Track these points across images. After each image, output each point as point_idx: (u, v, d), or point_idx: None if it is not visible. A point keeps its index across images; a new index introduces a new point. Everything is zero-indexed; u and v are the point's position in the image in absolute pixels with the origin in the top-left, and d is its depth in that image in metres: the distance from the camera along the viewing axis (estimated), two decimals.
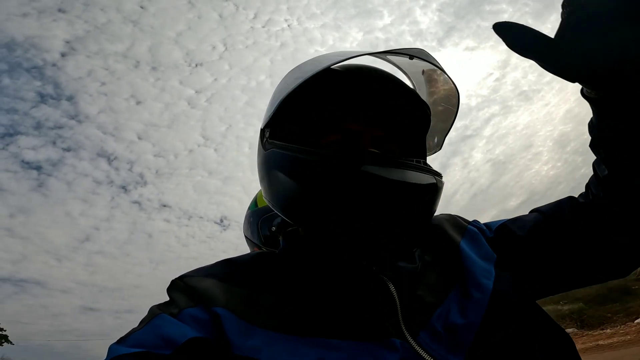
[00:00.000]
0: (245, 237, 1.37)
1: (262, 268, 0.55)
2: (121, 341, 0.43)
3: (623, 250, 0.53)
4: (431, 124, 0.63)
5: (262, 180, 0.59)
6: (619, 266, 0.54)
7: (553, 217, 0.57)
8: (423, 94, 0.66)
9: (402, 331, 0.45)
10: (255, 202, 1.37)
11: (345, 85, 0.59)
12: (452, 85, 0.63)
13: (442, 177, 0.55)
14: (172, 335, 0.42)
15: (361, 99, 0.59)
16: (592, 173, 0.54)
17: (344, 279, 0.52)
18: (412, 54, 0.57)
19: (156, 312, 0.47)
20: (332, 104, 0.59)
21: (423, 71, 0.66)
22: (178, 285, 0.51)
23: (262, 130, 0.59)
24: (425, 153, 0.66)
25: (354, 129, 0.57)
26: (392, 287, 0.50)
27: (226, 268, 0.55)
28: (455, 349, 0.44)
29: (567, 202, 0.58)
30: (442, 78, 0.64)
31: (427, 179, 0.50)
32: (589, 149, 0.53)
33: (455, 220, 0.64)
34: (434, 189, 0.51)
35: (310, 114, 0.60)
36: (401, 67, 0.67)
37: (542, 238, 0.56)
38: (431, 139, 0.68)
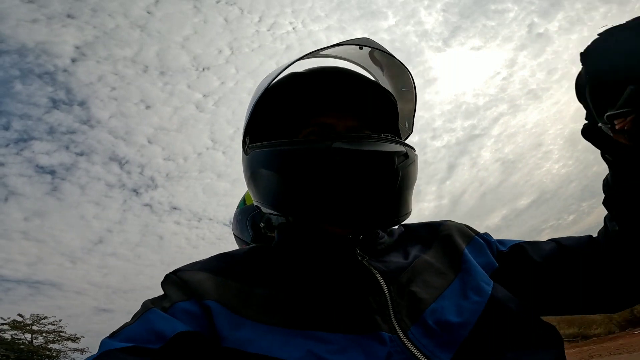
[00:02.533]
0: (235, 235, 1.38)
1: (256, 261, 0.56)
2: (113, 335, 0.44)
3: (621, 292, 0.57)
4: (398, 108, 0.67)
5: (248, 184, 0.62)
6: (614, 304, 0.59)
7: (569, 252, 0.59)
8: (383, 83, 0.70)
9: (393, 324, 0.45)
10: (243, 201, 1.39)
11: (312, 83, 0.63)
12: (404, 68, 0.66)
13: (413, 149, 0.58)
14: (162, 329, 0.43)
15: (330, 94, 0.62)
16: (604, 171, 0.56)
17: (334, 271, 0.52)
18: (360, 43, 0.62)
19: (148, 306, 0.47)
20: (303, 103, 0.62)
21: (372, 57, 0.70)
22: (172, 279, 0.52)
23: (243, 141, 0.62)
24: (400, 137, 0.69)
25: (327, 122, 0.60)
26: (381, 281, 0.50)
27: (221, 262, 0.56)
28: (446, 346, 0.44)
29: (585, 242, 0.60)
30: (393, 63, 0.67)
31: (396, 147, 0.52)
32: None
33: (463, 229, 0.65)
34: (404, 156, 0.53)
35: (284, 115, 0.64)
36: (358, 62, 0.72)
37: (555, 268, 0.58)
38: (402, 124, 0.72)
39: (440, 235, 0.62)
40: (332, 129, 0.59)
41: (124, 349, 0.40)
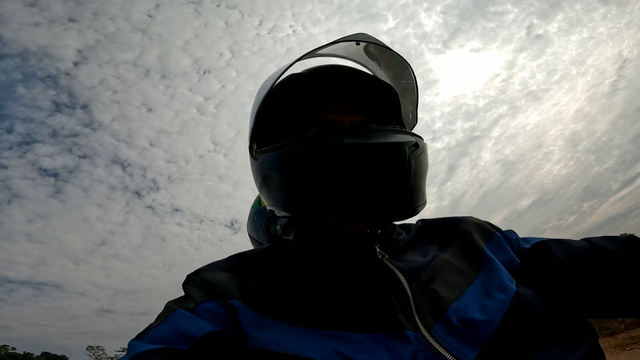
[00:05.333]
0: (250, 236, 1.35)
1: (275, 261, 0.56)
2: (140, 337, 0.44)
3: None
4: (401, 101, 0.68)
5: (260, 189, 0.62)
6: None
7: (601, 252, 0.56)
8: (382, 76, 0.70)
9: (416, 323, 0.45)
10: (258, 201, 1.36)
11: (313, 83, 0.63)
12: (402, 60, 0.67)
13: (422, 139, 0.58)
14: (190, 330, 0.43)
15: (331, 92, 0.63)
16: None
17: (355, 269, 0.52)
18: (357, 39, 0.62)
19: (173, 307, 0.47)
20: (306, 103, 0.63)
21: (368, 52, 0.70)
22: (194, 280, 0.52)
23: (250, 147, 0.62)
24: (405, 128, 0.68)
25: (332, 119, 0.60)
26: (402, 278, 0.50)
27: (241, 262, 0.56)
28: (471, 343, 0.43)
29: (623, 240, 0.56)
30: (391, 55, 0.67)
31: (406, 137, 0.53)
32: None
33: (484, 225, 0.64)
34: (415, 146, 0.53)
35: (288, 117, 0.64)
36: (355, 59, 0.72)
37: (584, 268, 0.55)
38: (405, 115, 0.72)
39: (459, 232, 0.61)
40: (338, 126, 0.60)
41: (153, 351, 0.40)
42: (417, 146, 0.53)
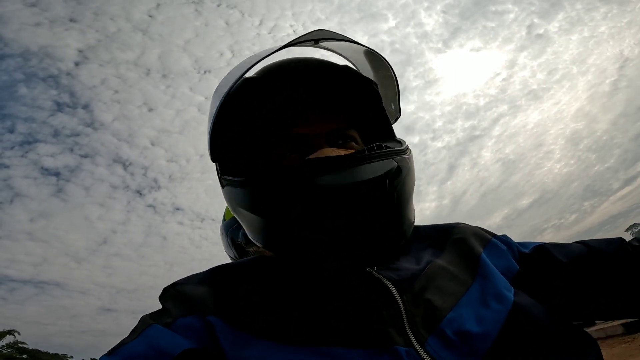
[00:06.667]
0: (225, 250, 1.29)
1: (257, 274, 0.52)
2: (112, 353, 0.41)
3: None
4: (380, 92, 0.62)
5: (235, 216, 0.58)
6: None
7: (598, 254, 0.54)
8: (361, 69, 0.64)
9: (409, 337, 0.41)
10: (224, 216, 1.28)
11: (270, 89, 0.56)
12: (373, 51, 0.61)
13: (405, 152, 0.52)
14: (166, 346, 0.40)
15: (293, 98, 0.56)
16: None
17: (342, 282, 0.48)
18: (314, 37, 0.52)
19: (148, 322, 0.44)
20: (265, 116, 0.56)
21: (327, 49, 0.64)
22: (171, 293, 0.49)
23: (216, 169, 0.56)
24: (390, 124, 0.63)
25: (299, 133, 0.53)
26: (393, 290, 0.46)
27: (220, 274, 0.52)
28: (468, 357, 0.40)
29: (617, 243, 0.56)
30: (359, 49, 0.62)
31: (386, 165, 0.47)
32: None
33: (479, 232, 0.61)
34: (397, 173, 0.48)
35: (249, 131, 0.57)
36: (333, 50, 0.65)
37: (583, 270, 0.53)
38: (388, 106, 0.65)
39: (454, 238, 0.57)
40: (306, 141, 0.52)
41: None
42: (401, 171, 0.48)
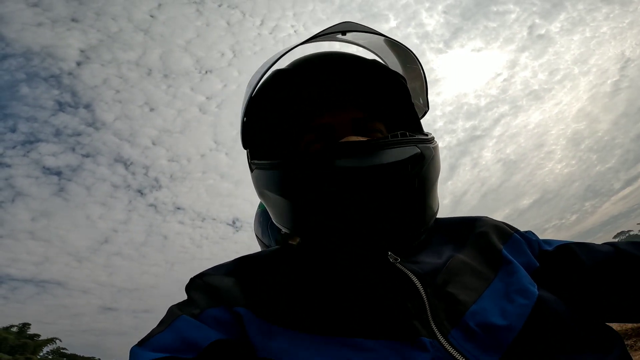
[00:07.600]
0: (257, 236, 1.33)
1: (282, 265, 0.53)
2: (142, 344, 0.42)
3: None
4: (409, 87, 0.63)
5: (261, 199, 0.60)
6: None
7: (627, 256, 0.53)
8: (388, 63, 0.65)
9: (432, 329, 0.42)
10: (260, 203, 1.32)
11: (299, 80, 0.58)
12: (401, 44, 0.62)
13: (430, 141, 0.53)
14: (195, 338, 0.41)
15: (321, 89, 0.58)
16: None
17: (366, 274, 0.49)
18: (341, 29, 0.55)
19: (177, 313, 0.45)
20: (294, 105, 0.58)
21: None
22: (198, 284, 0.50)
23: (247, 155, 0.59)
24: (418, 118, 0.64)
25: (325, 122, 0.56)
26: (417, 282, 0.47)
27: (245, 265, 0.53)
28: (491, 350, 0.40)
29: None
30: (387, 42, 0.63)
31: (408, 151, 0.48)
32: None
33: (501, 226, 0.61)
34: (419, 159, 0.48)
35: (279, 120, 0.60)
36: (361, 44, 0.66)
37: (609, 274, 0.52)
38: (416, 100, 0.66)
39: (476, 232, 0.58)
40: (332, 130, 0.55)
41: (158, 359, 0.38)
42: (423, 157, 0.49)
